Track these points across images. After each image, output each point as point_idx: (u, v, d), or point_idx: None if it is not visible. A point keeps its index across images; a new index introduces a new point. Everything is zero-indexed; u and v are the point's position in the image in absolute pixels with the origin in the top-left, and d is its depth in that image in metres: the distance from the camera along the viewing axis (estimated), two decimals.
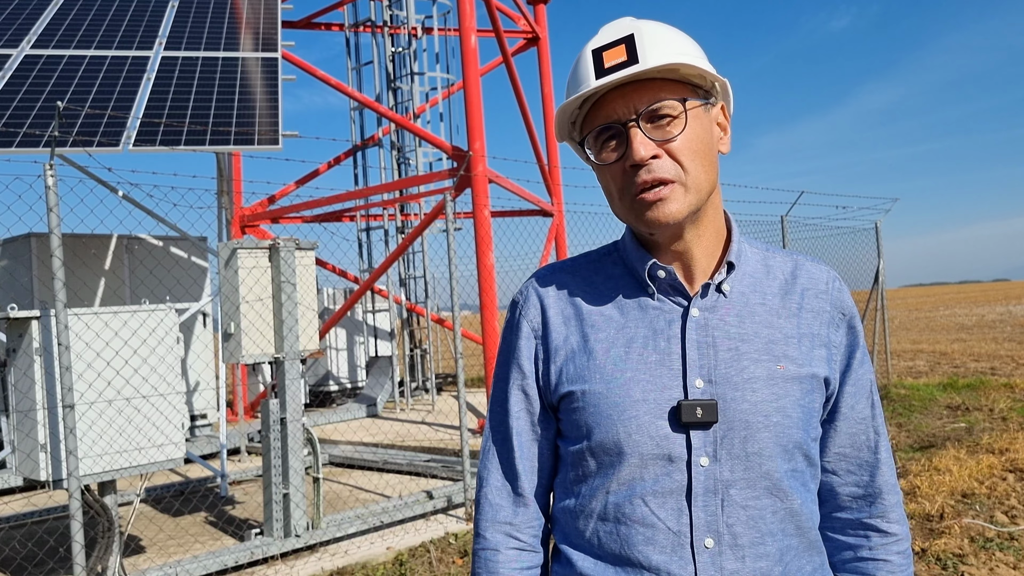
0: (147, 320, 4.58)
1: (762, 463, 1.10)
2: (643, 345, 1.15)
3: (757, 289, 1.18)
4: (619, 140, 1.12)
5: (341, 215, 12.34)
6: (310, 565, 4.93)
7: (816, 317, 1.18)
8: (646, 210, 1.10)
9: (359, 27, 12.47)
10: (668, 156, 1.10)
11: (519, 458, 1.23)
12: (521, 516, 1.23)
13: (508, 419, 1.24)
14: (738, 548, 1.09)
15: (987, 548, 4.60)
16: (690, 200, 1.11)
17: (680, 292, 1.16)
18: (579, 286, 1.23)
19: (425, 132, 10.05)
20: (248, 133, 5.95)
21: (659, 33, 1.12)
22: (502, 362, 1.27)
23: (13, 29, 7.44)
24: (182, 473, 7.83)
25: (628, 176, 1.11)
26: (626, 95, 1.11)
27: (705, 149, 1.12)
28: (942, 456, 6.74)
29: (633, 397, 1.12)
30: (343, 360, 12.34)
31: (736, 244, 1.19)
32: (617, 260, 1.24)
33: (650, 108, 1.09)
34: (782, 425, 1.11)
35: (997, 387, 10.49)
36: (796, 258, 1.23)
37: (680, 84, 1.12)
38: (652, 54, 1.09)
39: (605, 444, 1.13)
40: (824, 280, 1.21)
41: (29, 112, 5.90)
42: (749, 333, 1.14)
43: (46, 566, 5.14)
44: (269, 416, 5.06)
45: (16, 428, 4.48)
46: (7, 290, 7.73)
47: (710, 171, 1.13)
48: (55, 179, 4.20)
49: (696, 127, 1.12)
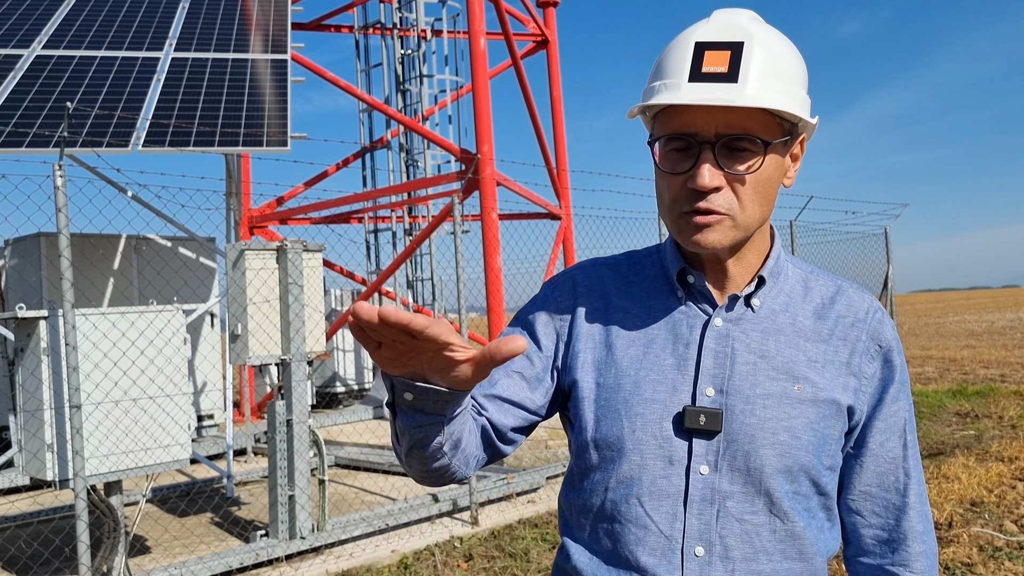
0: (154, 321, 4.59)
1: (763, 480, 1.08)
2: (662, 348, 1.14)
3: (789, 309, 1.16)
4: (688, 154, 1.07)
5: (349, 217, 12.35)
6: (315, 567, 4.92)
7: (847, 345, 1.14)
8: (690, 232, 1.07)
9: (368, 29, 12.49)
10: (730, 190, 1.06)
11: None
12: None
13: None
14: (728, 560, 1.08)
15: (996, 557, 4.55)
16: (735, 235, 1.08)
17: (708, 300, 1.15)
18: (615, 281, 1.23)
19: (434, 134, 10.06)
20: (257, 135, 5.96)
21: (770, 57, 1.05)
22: (512, 323, 1.27)
23: (24, 30, 7.47)
24: (188, 473, 7.84)
25: (684, 192, 1.07)
26: (712, 111, 1.04)
27: (769, 189, 1.09)
28: (951, 464, 6.69)
29: (643, 395, 1.12)
30: (350, 362, 12.34)
31: (773, 261, 1.16)
32: (656, 262, 1.23)
33: (732, 136, 1.04)
34: (788, 445, 1.09)
35: (1007, 394, 10.42)
36: (840, 284, 1.19)
37: (771, 118, 1.06)
38: (754, 84, 1.02)
39: (608, 438, 1.13)
40: (864, 309, 1.16)
41: (39, 112, 5.92)
42: (771, 350, 1.12)
43: (51, 566, 5.15)
44: (275, 418, 5.05)
45: (23, 427, 4.48)
46: (16, 290, 7.75)
47: (766, 210, 1.10)
48: (64, 179, 4.21)
49: (769, 167, 1.08)
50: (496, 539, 5.33)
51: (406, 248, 9.99)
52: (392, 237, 12.20)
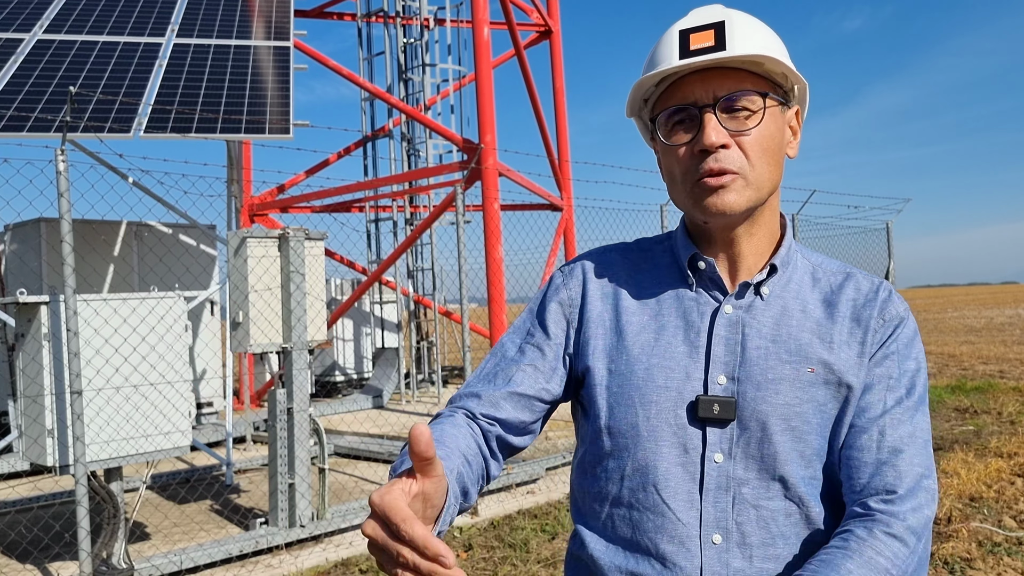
0: (156, 307, 4.58)
1: (777, 466, 1.08)
2: (673, 335, 1.15)
3: (799, 297, 1.16)
4: (691, 123, 1.10)
5: (350, 206, 12.33)
6: (315, 555, 4.93)
7: (860, 326, 1.13)
8: (706, 196, 1.09)
9: (371, 17, 12.44)
10: (737, 148, 1.08)
11: (499, 371, 1.21)
12: (484, 405, 1.19)
13: (504, 347, 1.25)
14: (746, 547, 1.08)
15: (995, 552, 4.56)
16: (749, 195, 1.09)
17: (719, 287, 1.16)
18: (625, 268, 1.23)
19: (436, 124, 10.03)
20: (259, 122, 5.94)
21: (750, 25, 1.11)
22: (524, 313, 1.28)
23: (26, 13, 7.43)
24: (188, 461, 7.85)
25: (694, 160, 1.09)
26: (707, 80, 1.09)
27: (775, 148, 1.12)
28: (950, 459, 6.70)
29: (656, 383, 1.12)
30: (350, 351, 12.34)
31: (785, 250, 1.17)
32: (667, 249, 1.24)
33: (730, 96, 1.08)
34: (801, 431, 1.09)
35: (1006, 390, 10.43)
36: (849, 271, 1.20)
37: (762, 79, 1.12)
38: (741, 43, 1.08)
39: (622, 425, 1.13)
40: (872, 289, 1.16)
41: (41, 97, 5.89)
42: (783, 335, 1.12)
43: (51, 551, 5.15)
44: (276, 406, 5.05)
45: (24, 413, 4.48)
46: (17, 275, 7.74)
47: (775, 171, 1.12)
48: (66, 164, 4.19)
49: (770, 125, 1.11)
50: (495, 529, 5.34)
51: (407, 237, 9.97)
52: (393, 226, 12.19)
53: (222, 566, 4.80)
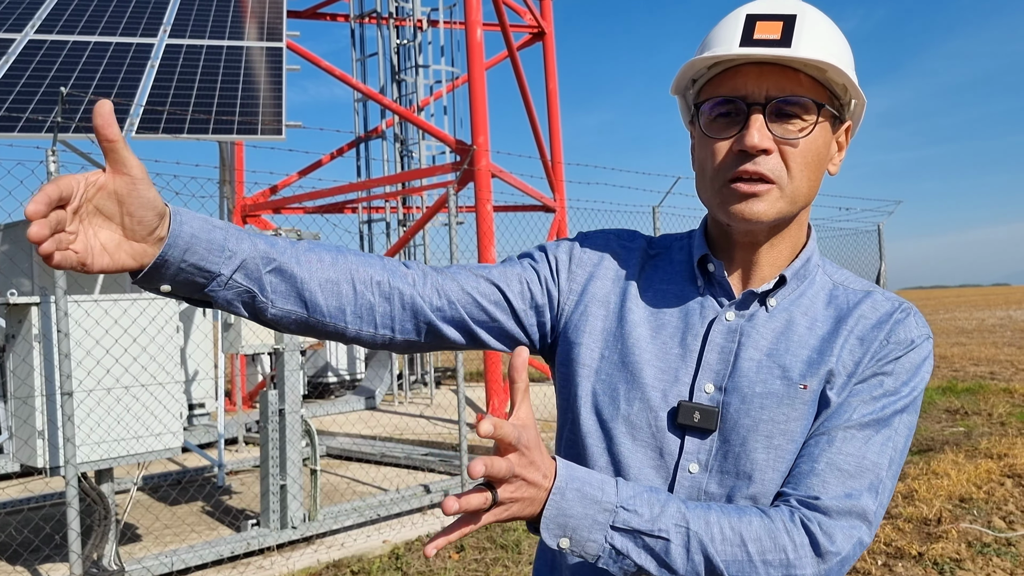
0: (147, 308, 4.57)
1: (752, 484, 1.03)
2: (671, 335, 1.10)
3: (809, 312, 1.09)
4: (737, 118, 1.03)
5: (343, 207, 12.31)
6: (306, 557, 4.92)
7: (861, 344, 1.06)
8: (734, 201, 1.02)
9: (364, 18, 12.43)
10: (779, 156, 1.01)
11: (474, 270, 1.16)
12: (442, 275, 1.13)
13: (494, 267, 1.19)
14: None
15: (984, 553, 4.59)
16: (781, 207, 1.03)
17: (726, 292, 1.10)
18: (643, 258, 1.19)
19: (429, 125, 10.03)
20: (251, 123, 5.93)
21: (822, 25, 1.03)
22: (539, 247, 1.23)
23: (17, 13, 7.41)
24: (179, 462, 7.83)
25: (731, 158, 1.02)
26: (763, 75, 1.01)
27: (818, 162, 1.05)
28: (940, 460, 6.73)
29: (644, 379, 1.08)
30: (342, 352, 12.33)
31: (801, 262, 1.10)
32: (685, 246, 1.19)
33: (783, 99, 1.00)
34: (784, 450, 1.03)
35: (996, 392, 10.48)
36: (871, 290, 1.12)
37: (821, 87, 1.04)
38: (808, 44, 1.00)
39: (604, 415, 1.10)
40: (889, 310, 1.08)
41: (32, 97, 5.87)
42: (780, 350, 1.06)
43: (41, 553, 5.13)
44: (268, 407, 5.04)
45: (14, 414, 4.46)
46: (7, 276, 7.71)
47: (813, 186, 1.05)
48: (57, 165, 4.18)
49: (819, 137, 1.04)
50: (487, 531, 5.34)
51: (400, 239, 9.97)
52: (386, 227, 12.18)
53: (213, 568, 4.79)
